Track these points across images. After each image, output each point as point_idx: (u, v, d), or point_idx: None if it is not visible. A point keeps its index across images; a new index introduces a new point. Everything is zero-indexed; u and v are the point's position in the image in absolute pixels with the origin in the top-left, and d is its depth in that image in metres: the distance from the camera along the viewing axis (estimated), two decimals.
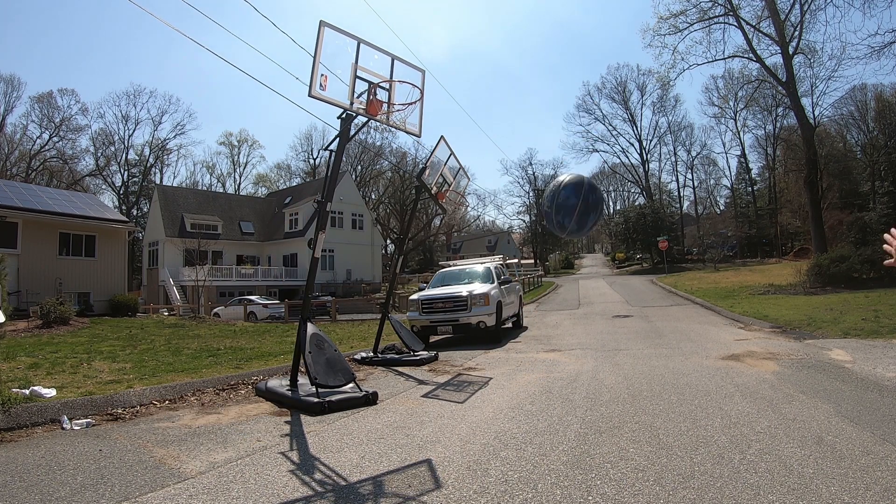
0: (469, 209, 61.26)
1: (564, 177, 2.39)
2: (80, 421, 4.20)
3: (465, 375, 6.13)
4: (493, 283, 10.05)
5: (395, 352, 7.88)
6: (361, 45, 5.35)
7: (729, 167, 68.71)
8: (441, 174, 8.40)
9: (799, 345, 7.04)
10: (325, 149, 5.97)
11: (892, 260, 1.96)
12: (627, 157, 57.07)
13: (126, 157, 55.22)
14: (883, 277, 14.94)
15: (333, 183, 5.41)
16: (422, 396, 5.08)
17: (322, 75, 4.89)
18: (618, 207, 70.29)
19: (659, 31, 24.73)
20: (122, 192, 54.96)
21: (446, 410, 4.40)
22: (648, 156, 56.37)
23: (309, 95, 4.83)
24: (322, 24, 4.94)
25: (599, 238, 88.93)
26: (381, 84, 5.51)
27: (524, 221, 64.80)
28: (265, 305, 23.11)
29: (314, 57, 4.87)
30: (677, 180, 60.57)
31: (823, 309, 10.72)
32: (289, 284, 34.99)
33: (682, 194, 60.20)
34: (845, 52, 31.32)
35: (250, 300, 24.66)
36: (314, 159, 61.42)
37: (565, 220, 2.05)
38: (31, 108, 53.90)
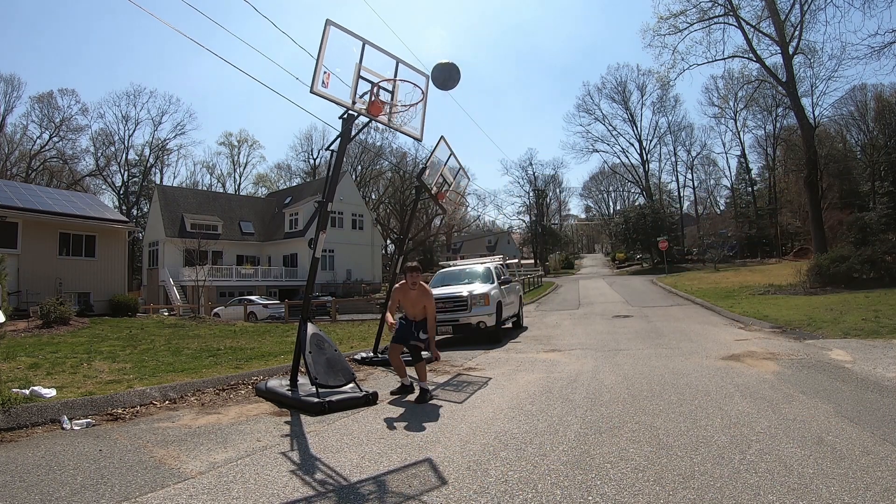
0: (469, 209, 61.34)
1: None
2: (80, 421, 4.20)
3: (464, 375, 6.13)
4: (493, 283, 10.05)
5: None
6: (366, 45, 5.33)
7: (729, 167, 68.71)
8: (441, 174, 8.40)
9: (799, 345, 7.04)
10: (326, 149, 5.97)
11: None
12: (627, 157, 57.07)
13: (126, 158, 55.26)
14: (883, 277, 14.94)
15: (334, 183, 5.41)
16: None
17: (325, 73, 4.89)
18: (618, 208, 70.32)
19: (659, 31, 24.77)
20: (122, 192, 54.95)
21: (446, 410, 4.40)
22: (648, 156, 56.38)
23: (311, 92, 4.83)
24: (328, 22, 4.94)
25: (599, 238, 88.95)
26: (383, 85, 5.50)
27: (524, 221, 64.85)
28: (265, 305, 23.12)
29: (318, 54, 4.86)
30: (677, 180, 60.51)
31: (823, 309, 10.72)
32: (289, 284, 35.00)
33: (682, 194, 60.21)
34: (845, 52, 31.38)
35: (250, 300, 24.67)
36: (314, 159, 61.44)
37: None
38: (31, 108, 53.92)
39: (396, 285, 5.37)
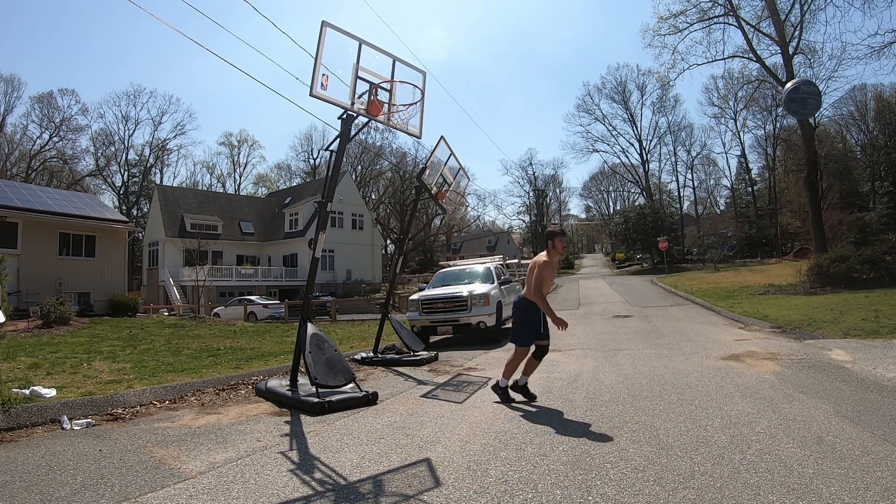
0: (469, 209, 61.33)
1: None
2: (80, 421, 4.20)
3: (464, 375, 6.13)
4: (493, 283, 10.05)
5: (395, 352, 7.88)
6: (363, 45, 5.35)
7: (729, 167, 68.89)
8: (441, 174, 8.40)
9: (799, 345, 7.04)
10: (326, 149, 5.98)
11: None
12: (627, 157, 57.10)
13: (126, 158, 55.29)
14: (883, 277, 14.94)
15: (334, 183, 5.42)
16: (421, 396, 5.08)
17: (323, 75, 4.89)
18: (618, 207, 70.32)
19: (659, 31, 24.73)
20: (122, 192, 54.97)
21: (446, 410, 4.40)
22: (648, 156, 56.41)
23: (310, 95, 4.83)
24: (324, 24, 4.94)
25: (599, 238, 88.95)
26: (382, 85, 5.51)
27: (524, 221, 64.93)
28: (265, 305, 23.11)
29: (315, 56, 4.87)
30: (677, 180, 60.54)
31: (823, 309, 10.71)
32: (289, 284, 34.99)
33: (682, 194, 60.23)
34: (845, 52, 31.28)
35: (250, 300, 24.67)
36: (314, 159, 61.45)
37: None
38: (31, 108, 54.00)
39: (542, 261, 4.39)
